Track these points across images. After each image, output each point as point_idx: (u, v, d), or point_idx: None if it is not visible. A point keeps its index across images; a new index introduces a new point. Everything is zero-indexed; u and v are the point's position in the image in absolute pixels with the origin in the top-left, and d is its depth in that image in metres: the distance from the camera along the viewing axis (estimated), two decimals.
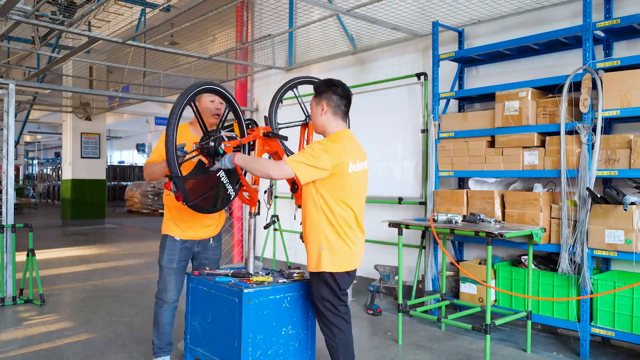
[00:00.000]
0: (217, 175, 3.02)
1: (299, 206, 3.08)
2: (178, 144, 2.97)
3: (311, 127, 3.39)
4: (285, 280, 3.07)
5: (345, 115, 2.98)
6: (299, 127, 3.53)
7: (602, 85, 3.80)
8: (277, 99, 3.51)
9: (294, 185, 3.25)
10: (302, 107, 3.55)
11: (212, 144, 2.98)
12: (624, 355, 3.91)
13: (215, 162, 2.99)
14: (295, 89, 3.60)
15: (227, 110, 3.24)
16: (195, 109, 3.04)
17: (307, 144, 3.44)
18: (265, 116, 3.45)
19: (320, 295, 2.90)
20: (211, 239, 3.48)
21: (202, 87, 2.96)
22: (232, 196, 3.18)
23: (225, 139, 3.01)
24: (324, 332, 2.95)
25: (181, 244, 3.35)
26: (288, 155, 3.12)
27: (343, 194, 2.81)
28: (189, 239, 3.37)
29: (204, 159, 3.06)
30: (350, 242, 2.86)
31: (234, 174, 3.12)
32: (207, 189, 2.99)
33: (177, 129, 2.78)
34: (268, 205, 3.33)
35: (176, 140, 2.78)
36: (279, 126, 3.52)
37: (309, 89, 6.93)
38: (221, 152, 2.97)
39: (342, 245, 2.83)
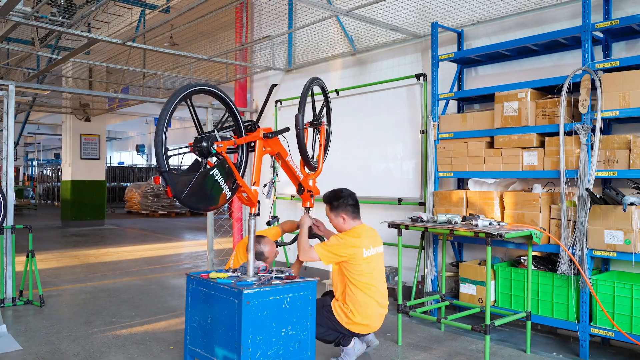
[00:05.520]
0: (212, 173, 3.01)
1: (307, 208, 3.77)
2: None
3: (322, 129, 3.96)
4: (279, 281, 3.08)
5: (357, 213, 3.61)
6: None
7: (601, 86, 3.80)
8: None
9: (300, 187, 3.75)
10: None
11: (205, 143, 2.99)
12: (624, 356, 3.91)
13: (209, 162, 3.00)
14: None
15: (226, 113, 3.24)
16: (192, 109, 3.02)
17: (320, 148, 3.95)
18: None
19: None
20: None
21: (197, 87, 2.95)
22: (229, 196, 3.14)
23: (219, 139, 3.03)
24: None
25: None
26: (290, 156, 3.63)
27: (359, 272, 3.43)
28: None
29: (199, 158, 3.05)
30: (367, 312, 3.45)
31: (230, 174, 3.10)
32: (200, 187, 2.96)
33: (167, 128, 2.79)
34: (268, 198, 3.40)
35: (165, 138, 2.78)
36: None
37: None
38: (214, 152, 2.99)
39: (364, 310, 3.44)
